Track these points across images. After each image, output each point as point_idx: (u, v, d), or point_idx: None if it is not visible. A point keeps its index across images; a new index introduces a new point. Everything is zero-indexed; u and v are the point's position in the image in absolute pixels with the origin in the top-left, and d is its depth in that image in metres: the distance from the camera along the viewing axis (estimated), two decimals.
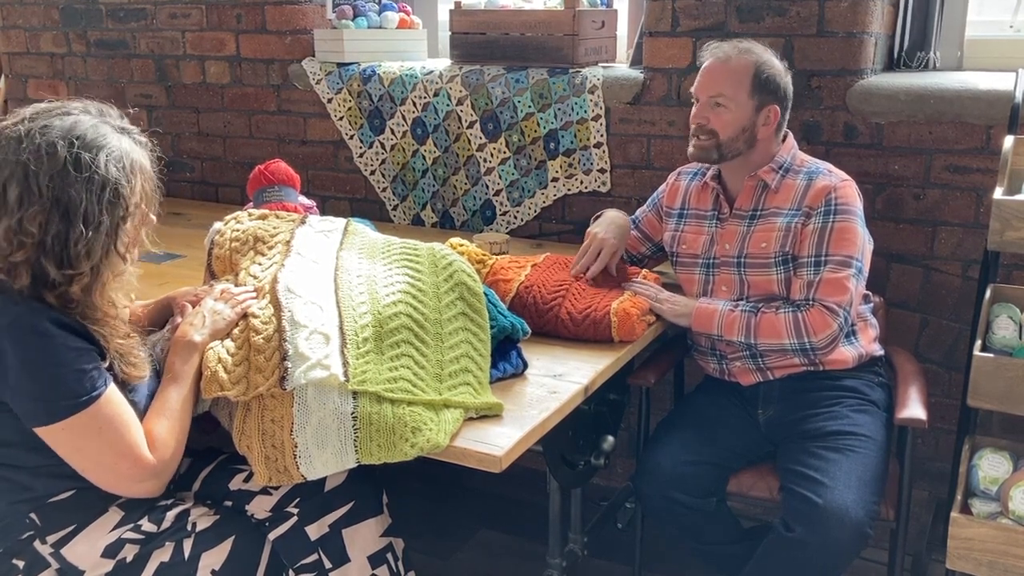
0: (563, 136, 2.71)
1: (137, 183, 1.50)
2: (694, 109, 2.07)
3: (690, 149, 2.09)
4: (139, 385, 1.56)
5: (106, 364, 1.49)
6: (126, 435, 1.48)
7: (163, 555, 1.56)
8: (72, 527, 1.54)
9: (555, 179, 2.77)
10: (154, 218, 1.59)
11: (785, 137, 2.12)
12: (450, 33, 2.86)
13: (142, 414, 1.55)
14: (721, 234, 2.13)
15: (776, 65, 2.04)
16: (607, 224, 2.23)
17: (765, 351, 2.05)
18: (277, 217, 2.01)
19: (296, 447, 1.55)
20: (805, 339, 1.95)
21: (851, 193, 2.01)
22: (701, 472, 2.00)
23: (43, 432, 1.45)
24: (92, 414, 1.44)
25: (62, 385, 1.43)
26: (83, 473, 1.49)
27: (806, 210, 2.01)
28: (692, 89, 2.08)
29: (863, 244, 1.99)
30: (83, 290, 1.47)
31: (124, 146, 1.49)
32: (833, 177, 2.03)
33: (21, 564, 1.54)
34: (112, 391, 1.48)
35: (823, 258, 1.97)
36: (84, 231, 1.43)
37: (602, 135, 2.66)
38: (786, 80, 2.05)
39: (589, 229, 2.23)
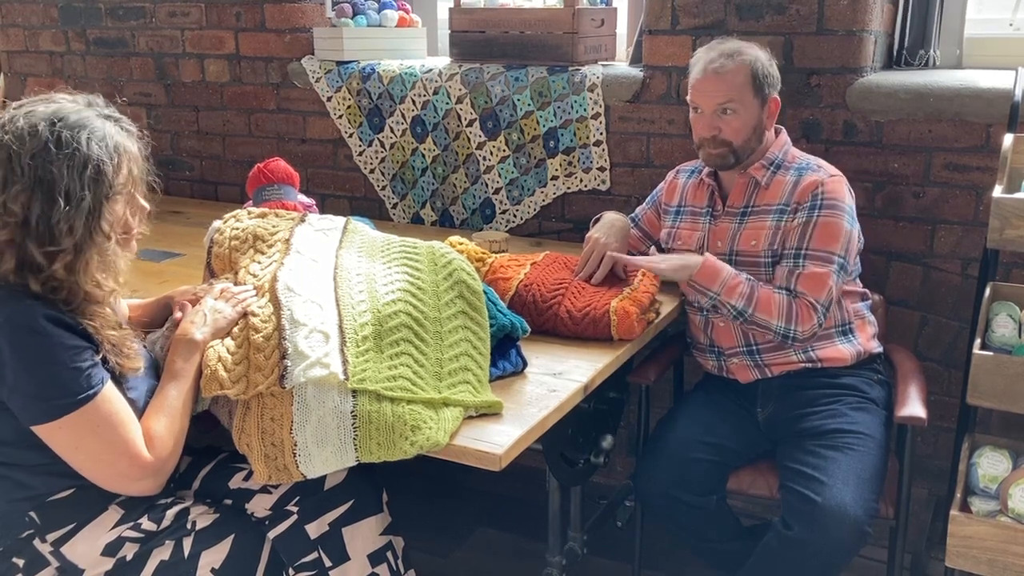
0: (563, 134, 2.71)
1: (123, 164, 1.51)
2: (699, 120, 2.05)
3: (704, 157, 2.08)
4: (137, 381, 1.56)
5: (100, 357, 1.49)
6: (124, 433, 1.48)
7: (163, 553, 1.56)
8: (72, 525, 1.54)
9: (555, 177, 2.76)
10: (146, 204, 1.58)
11: (778, 132, 2.12)
12: (449, 31, 2.86)
13: (141, 412, 1.55)
14: (714, 231, 2.13)
15: (763, 56, 2.03)
16: (607, 228, 2.21)
17: (763, 348, 2.05)
18: (276, 216, 2.01)
19: (296, 445, 1.55)
20: (792, 326, 1.95)
21: (839, 188, 2.01)
22: (701, 470, 2.00)
23: (41, 431, 1.45)
24: (89, 412, 1.44)
25: (59, 383, 1.43)
26: (81, 471, 1.49)
27: (794, 206, 2.02)
28: (690, 99, 2.07)
29: (847, 240, 1.98)
30: (66, 268, 1.46)
31: (108, 129, 1.50)
32: (822, 172, 2.03)
33: (21, 563, 1.54)
34: (109, 389, 1.48)
35: (803, 251, 1.97)
36: (65, 207, 1.43)
37: (602, 133, 2.66)
38: (774, 67, 2.05)
39: (589, 233, 2.22)
